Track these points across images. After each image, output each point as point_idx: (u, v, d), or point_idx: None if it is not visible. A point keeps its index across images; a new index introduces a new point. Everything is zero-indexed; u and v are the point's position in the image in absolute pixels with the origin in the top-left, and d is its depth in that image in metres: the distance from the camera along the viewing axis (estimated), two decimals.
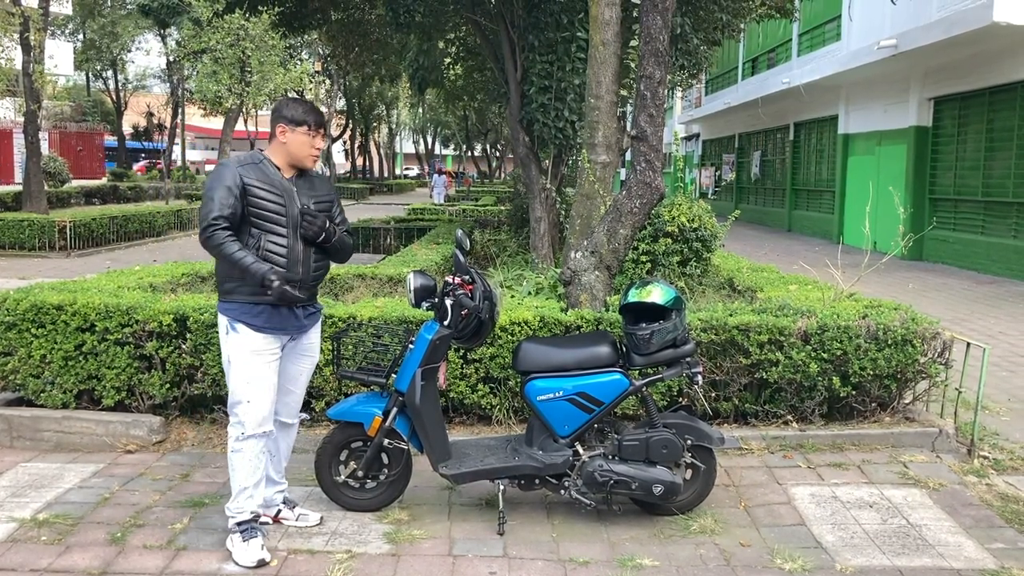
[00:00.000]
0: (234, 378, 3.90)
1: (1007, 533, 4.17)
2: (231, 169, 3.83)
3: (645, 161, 5.88)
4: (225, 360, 3.95)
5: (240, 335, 3.87)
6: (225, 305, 3.89)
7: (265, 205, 3.85)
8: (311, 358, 4.19)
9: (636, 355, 4.23)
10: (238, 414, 3.91)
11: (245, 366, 3.87)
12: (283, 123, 3.95)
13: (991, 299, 11.78)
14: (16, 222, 16.81)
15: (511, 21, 10.35)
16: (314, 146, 4.01)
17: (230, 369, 3.91)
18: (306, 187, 4.02)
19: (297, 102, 4.03)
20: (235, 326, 3.86)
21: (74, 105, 45.05)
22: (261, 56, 16.76)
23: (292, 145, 3.95)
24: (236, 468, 3.94)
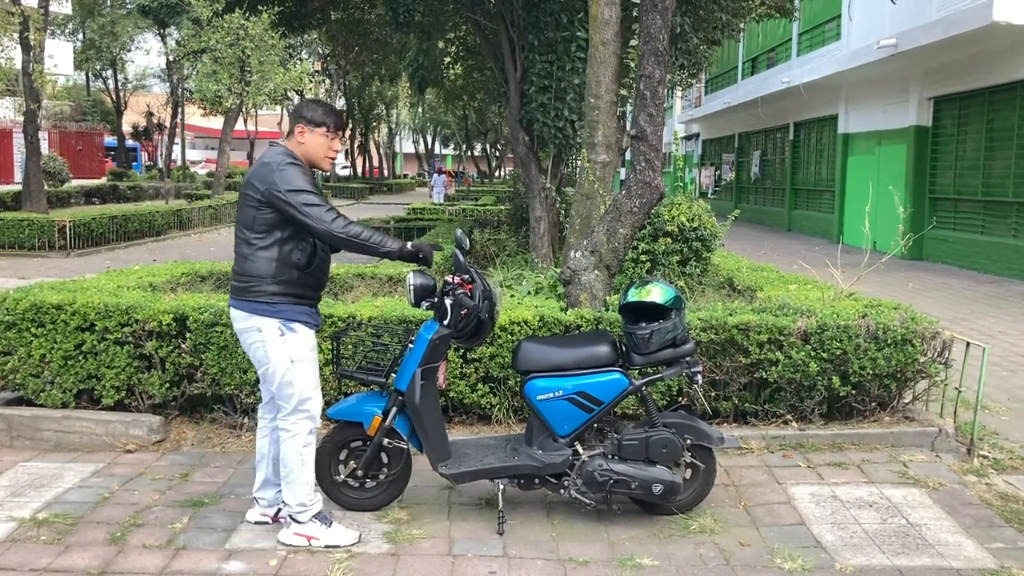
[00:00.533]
0: (298, 377, 3.93)
1: (1007, 532, 4.17)
2: (304, 167, 3.89)
3: (645, 160, 5.88)
4: (283, 362, 3.90)
5: (298, 334, 3.92)
6: (275, 307, 3.87)
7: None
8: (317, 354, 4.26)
9: (636, 354, 4.23)
10: (308, 410, 3.98)
11: (308, 363, 3.96)
12: (303, 123, 3.97)
13: (991, 299, 11.78)
14: (16, 222, 16.80)
15: (511, 20, 10.35)
16: (332, 148, 4.05)
17: (291, 370, 3.91)
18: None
19: (318, 103, 4.05)
20: (292, 326, 3.90)
21: (74, 105, 45.02)
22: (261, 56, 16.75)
23: (310, 146, 3.98)
24: (307, 462, 4.00)
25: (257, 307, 3.88)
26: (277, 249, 3.88)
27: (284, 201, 3.78)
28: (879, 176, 18.10)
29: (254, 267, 3.88)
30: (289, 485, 3.98)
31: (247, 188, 3.88)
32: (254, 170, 3.92)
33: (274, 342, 3.89)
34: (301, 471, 3.99)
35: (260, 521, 4.20)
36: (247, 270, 3.90)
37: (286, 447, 3.98)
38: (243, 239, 3.92)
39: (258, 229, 3.87)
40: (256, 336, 3.91)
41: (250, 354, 4.02)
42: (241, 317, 3.94)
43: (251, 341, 3.94)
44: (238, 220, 3.96)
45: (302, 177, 3.83)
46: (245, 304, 3.91)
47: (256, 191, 3.84)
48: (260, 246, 3.87)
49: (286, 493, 4.00)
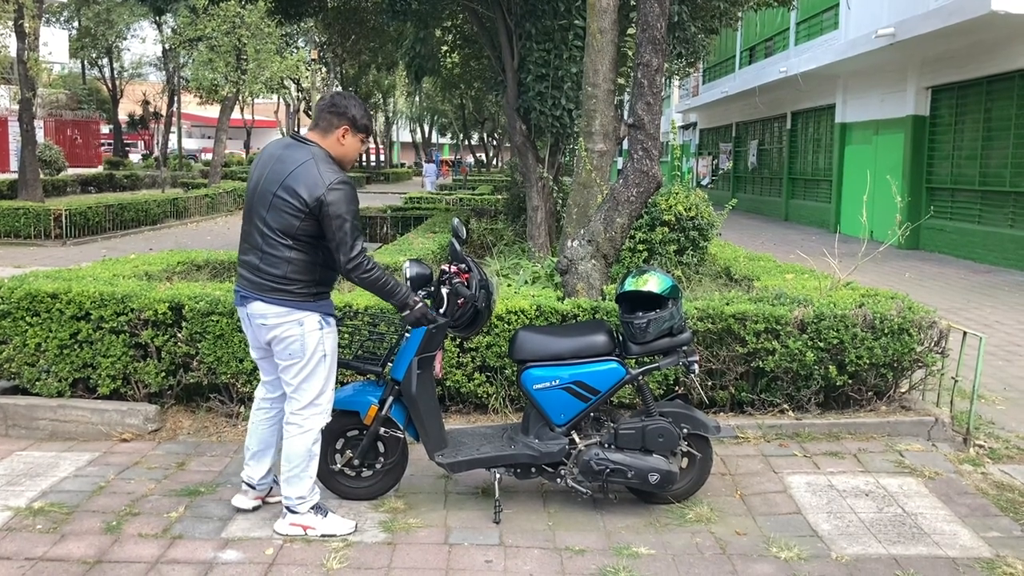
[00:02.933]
0: (323, 371, 3.92)
1: (1002, 522, 4.18)
2: (354, 187, 3.82)
3: (642, 150, 5.86)
4: (318, 354, 3.88)
5: (332, 328, 3.95)
6: (316, 304, 3.87)
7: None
8: None
9: (632, 344, 4.23)
10: (321, 404, 3.97)
11: (333, 358, 3.98)
12: (348, 124, 3.89)
13: (987, 288, 11.79)
14: (12, 210, 16.75)
15: (508, 9, 10.30)
16: (362, 150, 4.12)
17: (323, 363, 3.91)
18: None
19: (362, 104, 3.98)
20: (328, 320, 3.92)
21: (69, 93, 44.86)
22: (257, 44, 16.67)
23: (349, 148, 3.95)
24: (315, 456, 4.00)
25: (299, 303, 3.82)
26: (317, 253, 3.83)
27: (331, 222, 3.69)
28: (876, 166, 18.09)
29: (294, 270, 3.79)
30: (291, 480, 3.95)
31: (287, 193, 3.71)
32: (295, 173, 3.73)
33: (313, 334, 3.85)
34: (307, 467, 3.96)
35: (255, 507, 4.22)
36: (289, 273, 3.79)
37: (295, 443, 3.93)
38: (278, 242, 3.76)
39: (300, 237, 3.75)
40: (296, 330, 3.83)
41: (281, 348, 3.86)
42: (279, 312, 3.81)
43: (288, 335, 3.83)
44: (266, 220, 3.77)
45: (353, 201, 3.75)
46: (284, 300, 3.80)
47: (301, 201, 3.69)
48: (300, 251, 3.78)
49: (286, 487, 3.97)
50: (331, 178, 3.72)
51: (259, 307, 3.84)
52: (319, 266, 3.86)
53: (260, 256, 3.81)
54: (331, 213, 3.67)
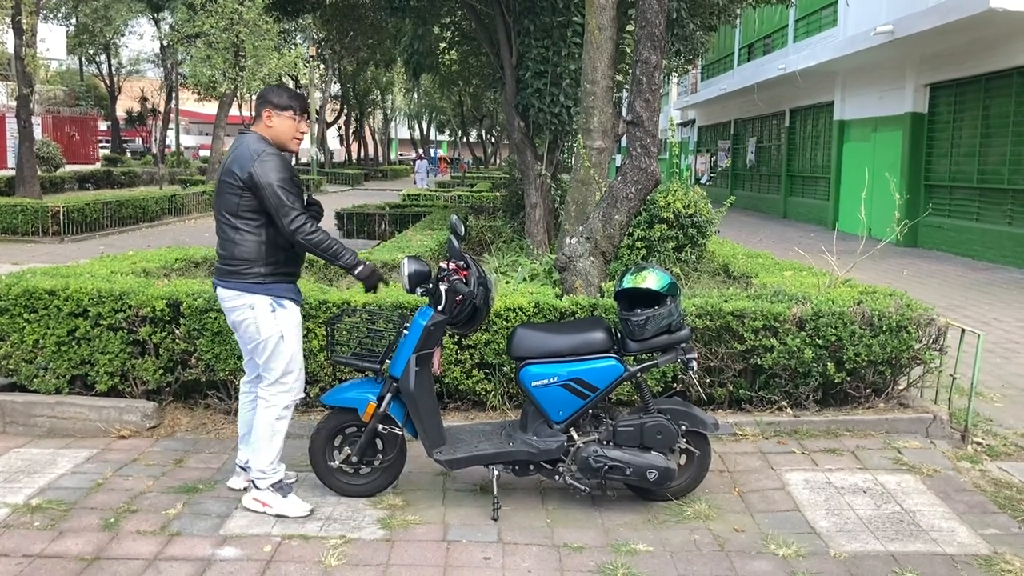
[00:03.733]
0: (285, 350, 4.11)
1: (1000, 519, 4.18)
2: (283, 157, 4.07)
3: (641, 147, 5.86)
4: (274, 336, 4.08)
5: (288, 310, 4.11)
6: (265, 285, 4.06)
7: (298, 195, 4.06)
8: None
9: (631, 341, 4.23)
10: (287, 383, 4.14)
11: (294, 338, 4.14)
12: (269, 108, 4.15)
13: (985, 286, 11.80)
14: (9, 207, 16.72)
15: (506, 5, 10.28)
16: (299, 130, 4.23)
17: (281, 343, 4.10)
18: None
19: (282, 88, 4.25)
20: (282, 302, 4.09)
21: (67, 90, 44.80)
22: (255, 41, 16.67)
23: (278, 129, 4.14)
24: (278, 432, 4.16)
25: (249, 286, 4.06)
26: (264, 232, 4.05)
27: (263, 191, 3.94)
28: (875, 163, 18.10)
29: (244, 251, 4.05)
30: (256, 451, 4.17)
31: (226, 175, 4.03)
32: (232, 156, 4.06)
33: (265, 317, 4.07)
34: (269, 441, 4.15)
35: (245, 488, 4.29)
36: (237, 254, 4.06)
37: (261, 415, 4.15)
38: (228, 224, 4.06)
39: (243, 215, 4.02)
40: (248, 313, 4.07)
41: (239, 331, 4.17)
42: (231, 296, 4.09)
43: (242, 318, 4.09)
44: (218, 206, 4.09)
45: (281, 170, 3.99)
46: (237, 284, 4.07)
47: (236, 178, 3.98)
48: (247, 231, 4.04)
49: (252, 458, 4.18)
50: (259, 150, 4.01)
51: (220, 291, 4.15)
52: (268, 246, 4.05)
53: (219, 242, 4.14)
54: (261, 183, 3.94)
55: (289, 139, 4.18)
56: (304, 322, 5.29)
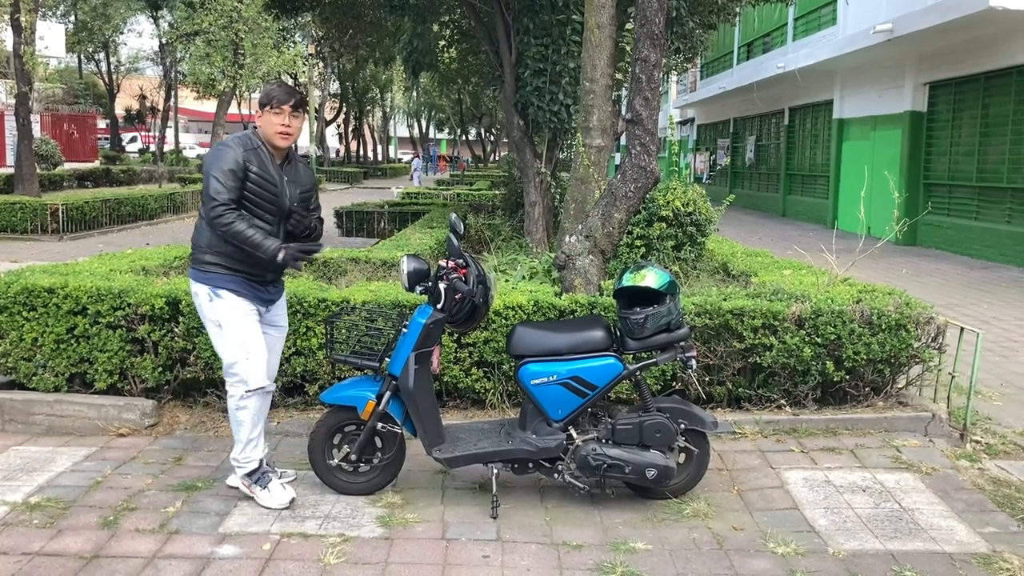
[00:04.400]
0: (227, 341, 4.09)
1: (999, 517, 4.18)
2: (235, 151, 3.98)
3: (640, 145, 5.85)
4: (213, 326, 4.11)
5: (225, 300, 4.07)
6: (206, 275, 4.07)
7: (261, 194, 4.05)
8: (281, 328, 4.44)
9: (630, 339, 4.23)
10: (238, 373, 4.11)
11: (237, 327, 4.08)
12: (259, 108, 4.13)
13: (984, 284, 11.81)
14: (8, 205, 16.70)
15: (506, 3, 10.28)
16: (282, 123, 4.09)
17: (221, 334, 4.10)
18: (293, 175, 4.23)
19: (273, 85, 4.18)
20: (219, 292, 4.06)
21: (66, 88, 44.74)
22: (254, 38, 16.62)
23: (264, 126, 4.11)
24: (243, 422, 4.16)
25: (195, 273, 4.12)
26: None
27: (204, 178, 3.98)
28: (874, 162, 18.10)
29: (197, 236, 4.12)
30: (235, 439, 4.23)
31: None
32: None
33: (205, 305, 4.11)
34: (236, 431, 4.19)
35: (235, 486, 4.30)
36: (193, 239, 4.17)
37: (228, 404, 4.21)
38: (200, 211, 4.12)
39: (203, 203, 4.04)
40: (195, 300, 4.17)
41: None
42: (191, 284, 4.17)
43: (196, 306, 4.18)
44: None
45: (223, 160, 3.94)
46: (191, 271, 4.14)
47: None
48: (201, 218, 4.08)
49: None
50: (223, 140, 4.10)
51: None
52: (212, 235, 4.05)
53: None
54: (204, 170, 3.99)
55: (272, 135, 4.10)
56: (303, 320, 5.30)
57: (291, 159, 4.25)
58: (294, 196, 4.18)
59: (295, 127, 4.14)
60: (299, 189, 4.23)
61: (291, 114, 4.10)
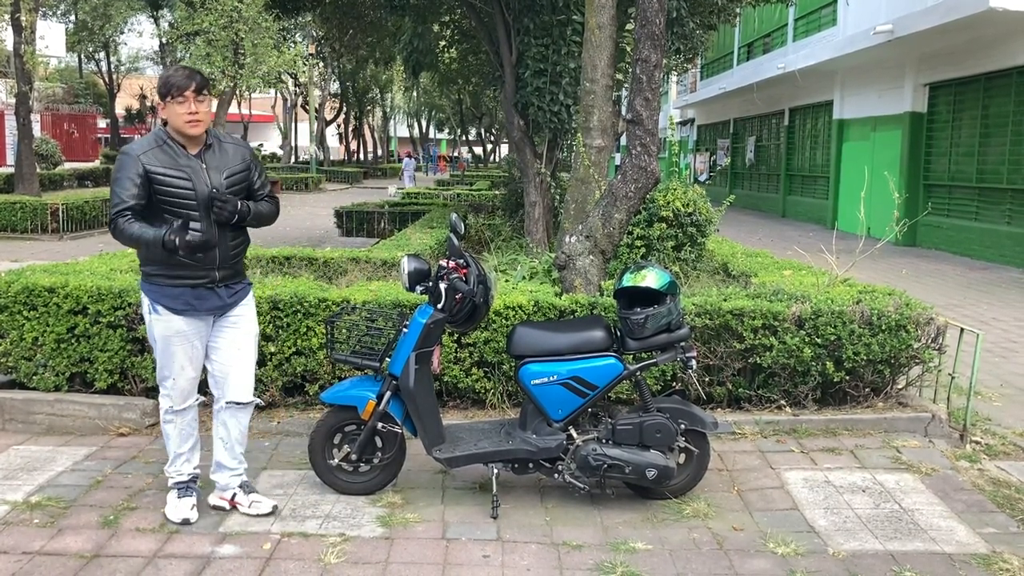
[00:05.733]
0: (159, 356, 3.99)
1: (998, 518, 4.19)
2: (131, 158, 3.77)
3: (640, 145, 5.86)
4: (151, 338, 4.01)
5: (161, 316, 3.91)
6: (147, 286, 3.94)
7: (171, 190, 3.77)
8: (243, 331, 4.08)
9: (630, 340, 4.23)
10: (165, 387, 4.03)
11: (167, 346, 3.94)
12: (160, 99, 3.86)
13: (984, 285, 11.81)
14: (8, 204, 16.71)
15: (506, 4, 10.29)
16: (188, 111, 3.79)
17: (156, 347, 3.99)
18: (216, 160, 3.92)
19: (165, 73, 3.90)
20: (156, 308, 3.91)
21: (66, 87, 44.75)
22: (255, 38, 16.61)
23: (170, 118, 3.83)
24: (170, 436, 4.11)
25: (141, 284, 3.98)
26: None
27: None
28: (874, 162, 18.10)
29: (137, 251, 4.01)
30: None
31: None
32: None
33: (146, 317, 3.99)
34: (166, 442, 4.13)
35: (217, 505, 4.16)
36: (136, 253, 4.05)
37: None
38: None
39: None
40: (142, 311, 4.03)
41: None
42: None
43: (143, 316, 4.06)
44: None
45: (117, 174, 3.77)
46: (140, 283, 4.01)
47: None
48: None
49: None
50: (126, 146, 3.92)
51: None
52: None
53: None
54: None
55: (182, 125, 3.80)
56: (304, 320, 5.30)
57: (211, 144, 3.94)
58: (217, 182, 3.86)
59: (203, 112, 3.83)
60: (224, 173, 3.90)
61: (195, 99, 3.79)
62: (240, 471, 4.19)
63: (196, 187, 3.81)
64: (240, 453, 4.19)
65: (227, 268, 3.97)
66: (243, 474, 4.22)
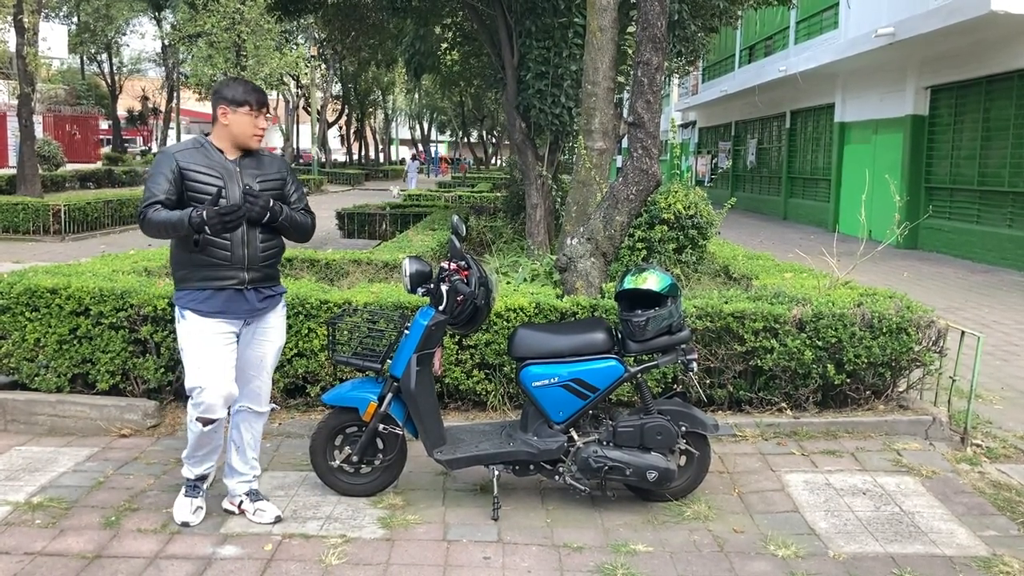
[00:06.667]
0: (188, 364, 3.91)
1: (999, 521, 4.19)
2: (167, 156, 3.85)
3: (642, 148, 5.86)
4: (180, 345, 3.95)
5: (189, 322, 3.88)
6: (178, 293, 3.92)
7: (203, 188, 3.79)
8: (271, 343, 4.10)
9: (631, 342, 4.24)
10: (193, 397, 3.94)
11: (196, 353, 3.87)
12: (224, 104, 3.90)
13: (985, 288, 11.81)
14: (10, 206, 16.72)
15: (508, 6, 10.30)
16: (257, 126, 3.95)
17: (184, 354, 3.93)
18: (252, 167, 3.98)
19: (238, 82, 3.98)
20: (184, 313, 3.88)
21: (68, 88, 44.80)
22: (257, 40, 16.62)
23: (235, 126, 3.91)
24: (191, 439, 4.06)
25: (175, 294, 3.96)
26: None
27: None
28: (875, 165, 18.10)
29: (170, 256, 4.00)
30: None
31: None
32: None
33: (177, 324, 3.96)
34: (191, 441, 4.07)
35: (227, 509, 4.18)
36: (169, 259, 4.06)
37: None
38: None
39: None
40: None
41: None
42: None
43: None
44: None
45: (156, 166, 3.81)
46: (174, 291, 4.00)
47: None
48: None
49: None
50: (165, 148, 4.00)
51: None
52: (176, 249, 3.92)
53: None
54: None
55: (248, 136, 3.93)
56: (305, 321, 5.31)
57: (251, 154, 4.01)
58: (251, 185, 3.91)
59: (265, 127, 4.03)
60: (259, 179, 3.95)
61: (263, 115, 3.98)
62: (250, 477, 4.20)
63: (228, 188, 3.84)
64: (253, 458, 4.20)
65: (256, 270, 3.94)
66: (253, 480, 4.22)
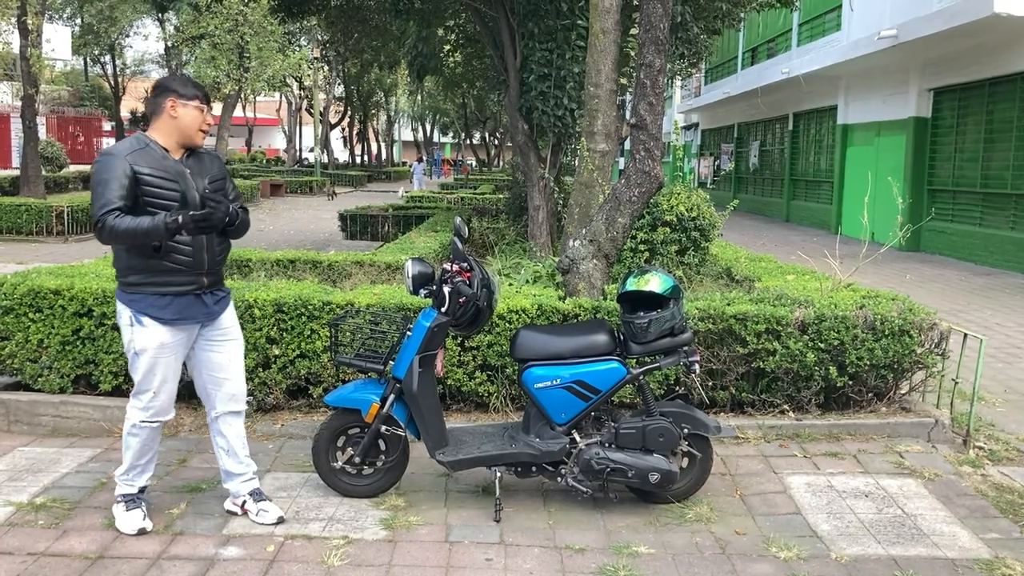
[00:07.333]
0: (140, 369, 3.87)
1: (1001, 523, 4.18)
2: (118, 159, 3.69)
3: (644, 150, 5.87)
4: (129, 350, 3.88)
5: (147, 328, 3.82)
6: (129, 297, 3.82)
7: (161, 193, 3.72)
8: (234, 341, 4.10)
9: (634, 344, 4.24)
10: (142, 400, 3.92)
11: (154, 359, 3.85)
12: (174, 97, 3.82)
13: (988, 290, 11.80)
14: (13, 207, 16.76)
15: (511, 8, 10.30)
16: (205, 121, 3.90)
17: (136, 360, 3.88)
18: (197, 167, 3.92)
19: (185, 77, 3.93)
20: (140, 319, 3.81)
21: (72, 90, 44.86)
22: (260, 42, 16.67)
23: (184, 119, 3.83)
24: (131, 447, 3.99)
25: (120, 294, 3.86)
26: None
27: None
28: (878, 167, 18.09)
29: (115, 261, 3.86)
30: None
31: None
32: None
33: (124, 330, 3.88)
34: (124, 451, 4.01)
35: (230, 511, 4.17)
36: (113, 264, 3.89)
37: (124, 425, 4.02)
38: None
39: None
40: (118, 321, 3.91)
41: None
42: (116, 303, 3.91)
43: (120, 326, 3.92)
44: None
45: (101, 171, 3.67)
46: (116, 291, 3.89)
47: None
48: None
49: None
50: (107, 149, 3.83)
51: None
52: (125, 251, 3.80)
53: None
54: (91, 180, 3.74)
55: (195, 132, 3.86)
56: (308, 323, 5.31)
57: (190, 152, 3.93)
58: (202, 186, 3.85)
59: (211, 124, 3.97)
60: (207, 177, 3.90)
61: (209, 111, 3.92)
62: (249, 474, 4.19)
63: (185, 192, 3.78)
64: (245, 456, 4.18)
65: (214, 274, 3.95)
66: (253, 477, 4.21)
